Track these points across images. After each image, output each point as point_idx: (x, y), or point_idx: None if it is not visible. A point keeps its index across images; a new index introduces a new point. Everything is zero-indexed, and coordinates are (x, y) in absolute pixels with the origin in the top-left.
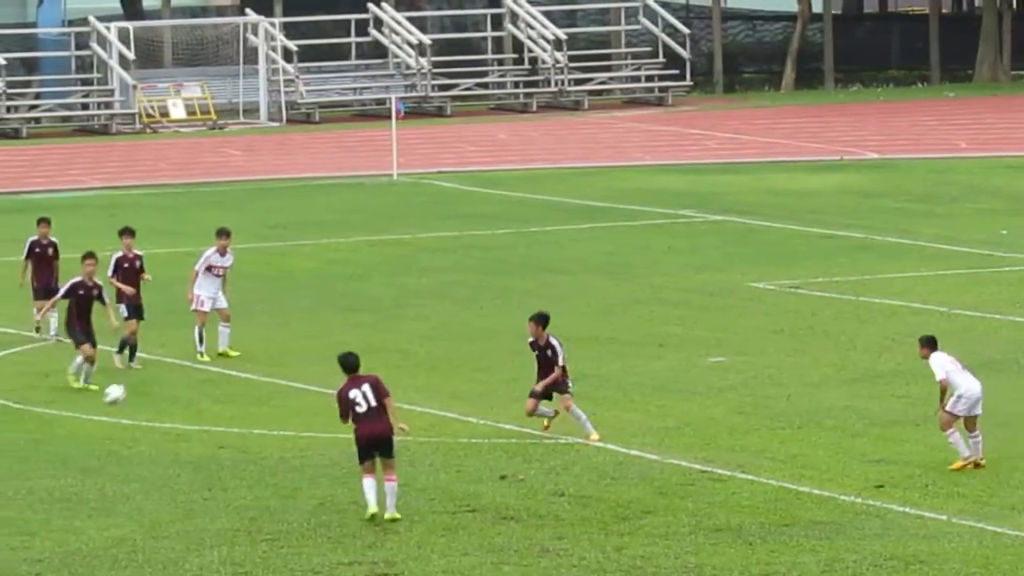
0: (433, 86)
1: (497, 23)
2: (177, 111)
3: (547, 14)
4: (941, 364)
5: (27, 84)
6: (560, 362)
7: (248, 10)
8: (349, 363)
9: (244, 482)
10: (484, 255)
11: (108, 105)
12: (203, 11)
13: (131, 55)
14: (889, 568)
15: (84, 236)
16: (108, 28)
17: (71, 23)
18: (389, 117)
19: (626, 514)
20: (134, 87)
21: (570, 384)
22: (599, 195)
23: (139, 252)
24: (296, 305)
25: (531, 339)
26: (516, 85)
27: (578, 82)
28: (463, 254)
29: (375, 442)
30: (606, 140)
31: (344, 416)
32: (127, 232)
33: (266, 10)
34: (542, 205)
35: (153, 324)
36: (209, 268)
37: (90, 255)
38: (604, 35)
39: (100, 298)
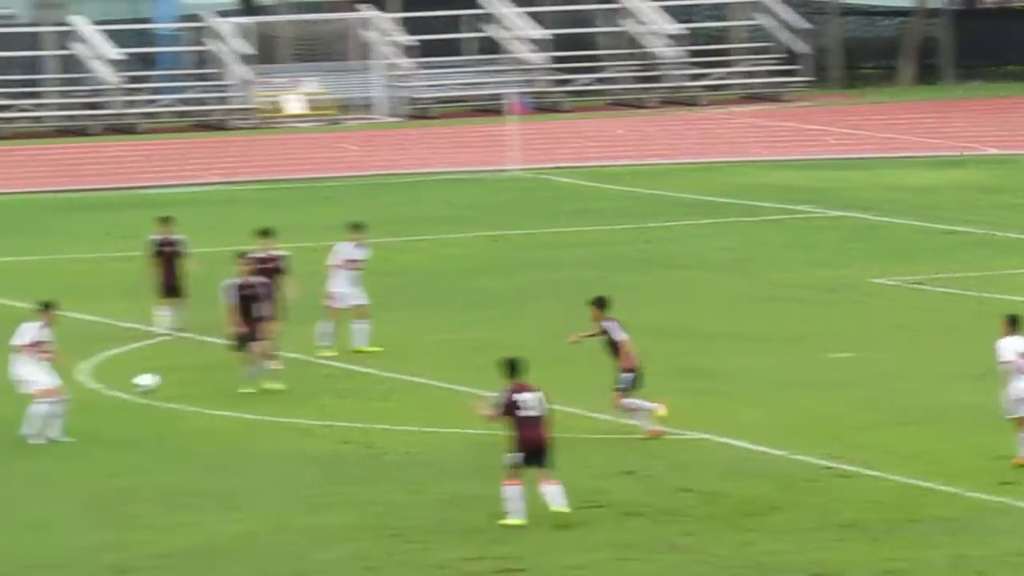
0: (550, 81)
1: (614, 18)
2: (294, 106)
3: (664, 9)
4: (1009, 349)
5: (144, 79)
6: (616, 338)
7: (365, 5)
8: (515, 367)
9: (369, 478)
10: (602, 251)
11: (225, 100)
12: (320, 6)
13: (249, 50)
14: (1016, 565)
15: (201, 231)
16: (226, 23)
17: (188, 18)
18: (506, 112)
19: (752, 510)
20: (251, 82)
21: (622, 380)
22: (717, 190)
23: (280, 252)
24: (414, 301)
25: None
26: (633, 80)
27: (695, 77)
28: (581, 250)
29: (538, 448)
30: (723, 135)
31: (501, 413)
32: (266, 233)
33: (384, 5)
34: (660, 200)
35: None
36: (344, 263)
37: (244, 255)
38: (721, 30)
39: (268, 295)
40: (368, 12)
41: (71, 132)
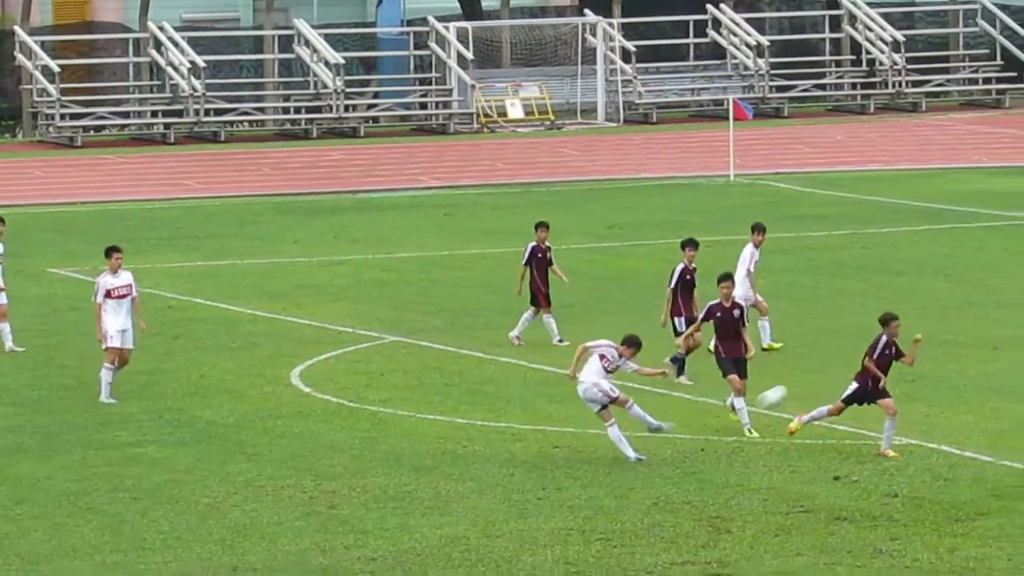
0: (771, 87)
1: (835, 25)
2: (515, 111)
3: (885, 16)
4: None
5: (366, 83)
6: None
7: (587, 10)
8: None
9: (578, 481)
10: (820, 256)
11: (446, 105)
12: (542, 11)
13: (470, 55)
14: None
15: (421, 235)
16: (447, 28)
17: (410, 23)
18: (727, 118)
19: (959, 516)
20: (472, 87)
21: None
22: (936, 197)
23: (696, 265)
24: (631, 306)
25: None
26: (854, 87)
27: (915, 84)
28: (799, 255)
29: None
30: (943, 142)
31: None
32: (693, 244)
33: (604, 10)
34: (878, 206)
35: (489, 323)
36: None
37: (727, 276)
38: (942, 37)
39: (741, 319)
40: (591, 17)
41: (291, 136)
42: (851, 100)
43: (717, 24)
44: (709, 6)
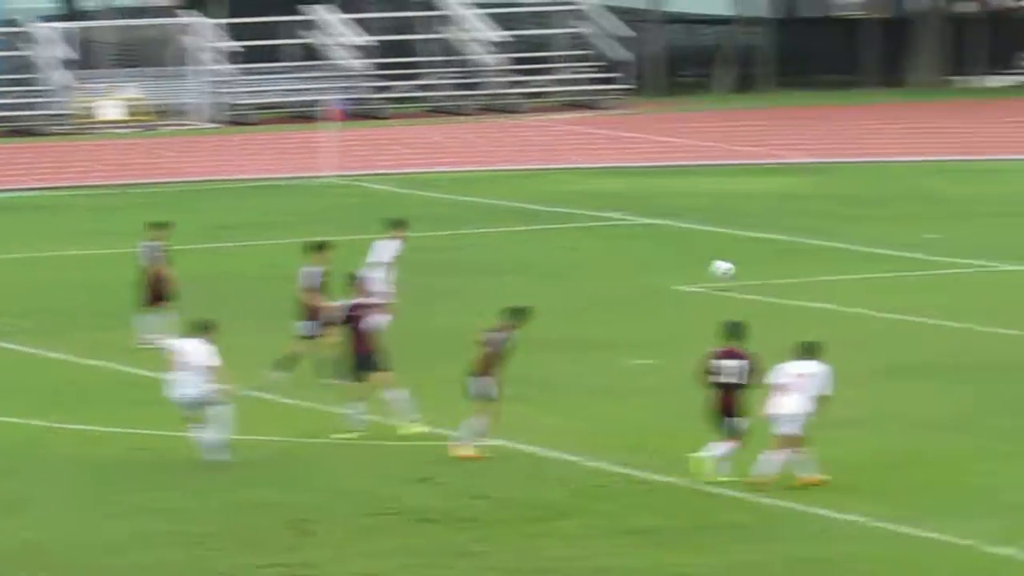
0: (371, 88)
1: (435, 26)
2: (113, 112)
3: (486, 17)
4: (788, 370)
5: None
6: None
7: (187, 11)
8: (731, 330)
9: (159, 484)
10: (413, 257)
11: (43, 106)
12: (142, 12)
13: (68, 55)
14: (803, 570)
15: (18, 237)
16: (45, 28)
17: (7, 23)
18: (326, 119)
19: (544, 516)
20: (70, 88)
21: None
22: (533, 197)
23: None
24: (231, 308)
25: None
26: (453, 88)
27: (515, 84)
28: None
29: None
30: (542, 143)
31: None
32: (321, 247)
33: (205, 11)
34: (476, 207)
35: (80, 326)
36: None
37: (355, 276)
38: (542, 38)
39: (366, 316)
40: (190, 18)
41: None
42: (450, 101)
43: (318, 25)
44: (310, 7)
